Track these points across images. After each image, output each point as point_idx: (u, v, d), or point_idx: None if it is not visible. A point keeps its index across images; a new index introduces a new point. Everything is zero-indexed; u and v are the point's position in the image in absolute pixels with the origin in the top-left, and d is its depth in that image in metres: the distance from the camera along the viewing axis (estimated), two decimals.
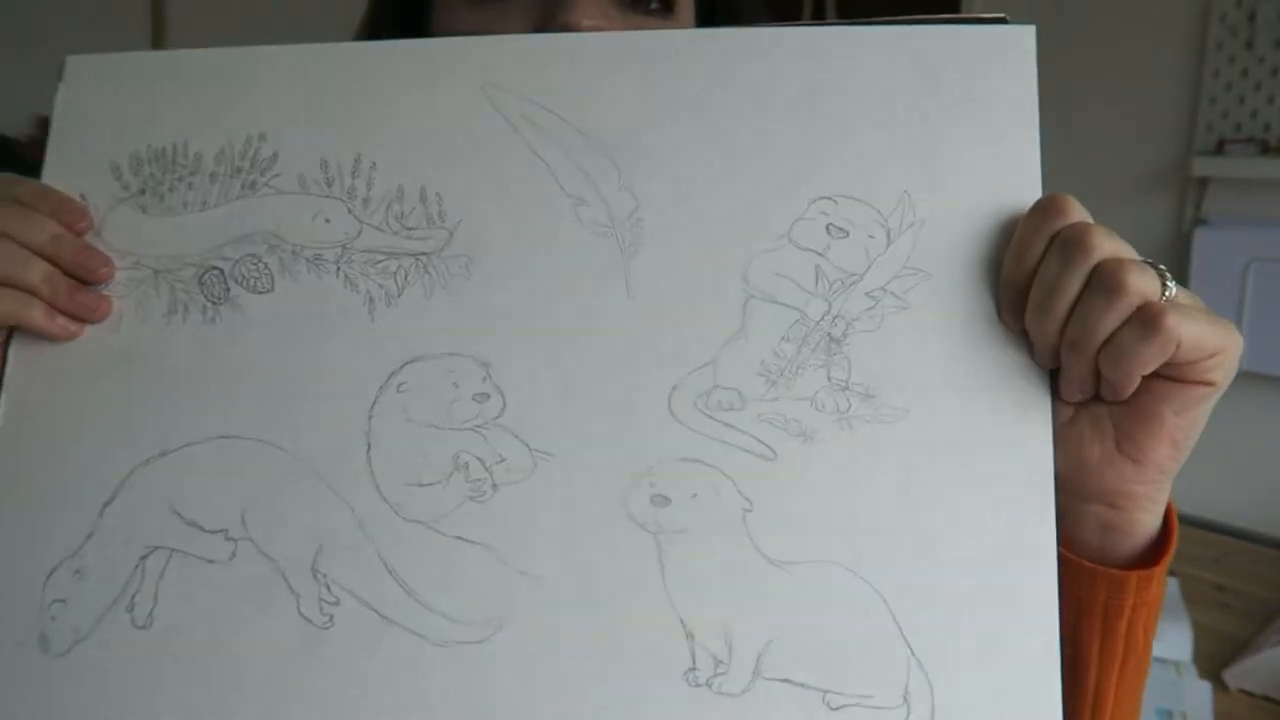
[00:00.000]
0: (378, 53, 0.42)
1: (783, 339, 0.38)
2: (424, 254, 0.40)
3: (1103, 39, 1.89)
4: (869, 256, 0.38)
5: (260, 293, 0.41)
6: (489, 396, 0.39)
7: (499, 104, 0.40)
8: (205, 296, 0.41)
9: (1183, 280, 1.87)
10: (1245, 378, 1.79)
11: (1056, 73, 1.98)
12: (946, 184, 0.38)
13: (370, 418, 0.40)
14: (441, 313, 0.40)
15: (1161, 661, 1.29)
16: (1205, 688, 1.24)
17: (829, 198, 0.38)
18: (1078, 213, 0.36)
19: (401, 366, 0.40)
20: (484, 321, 0.39)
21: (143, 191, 0.42)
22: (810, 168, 0.39)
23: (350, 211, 0.41)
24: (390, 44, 0.43)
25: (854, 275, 0.38)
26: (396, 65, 0.42)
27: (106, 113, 0.44)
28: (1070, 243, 0.35)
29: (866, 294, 0.38)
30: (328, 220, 0.41)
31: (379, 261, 0.40)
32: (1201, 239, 1.77)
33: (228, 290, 0.41)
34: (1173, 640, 1.30)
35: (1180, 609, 1.37)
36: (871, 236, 0.38)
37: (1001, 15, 0.39)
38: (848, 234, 0.38)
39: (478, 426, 0.39)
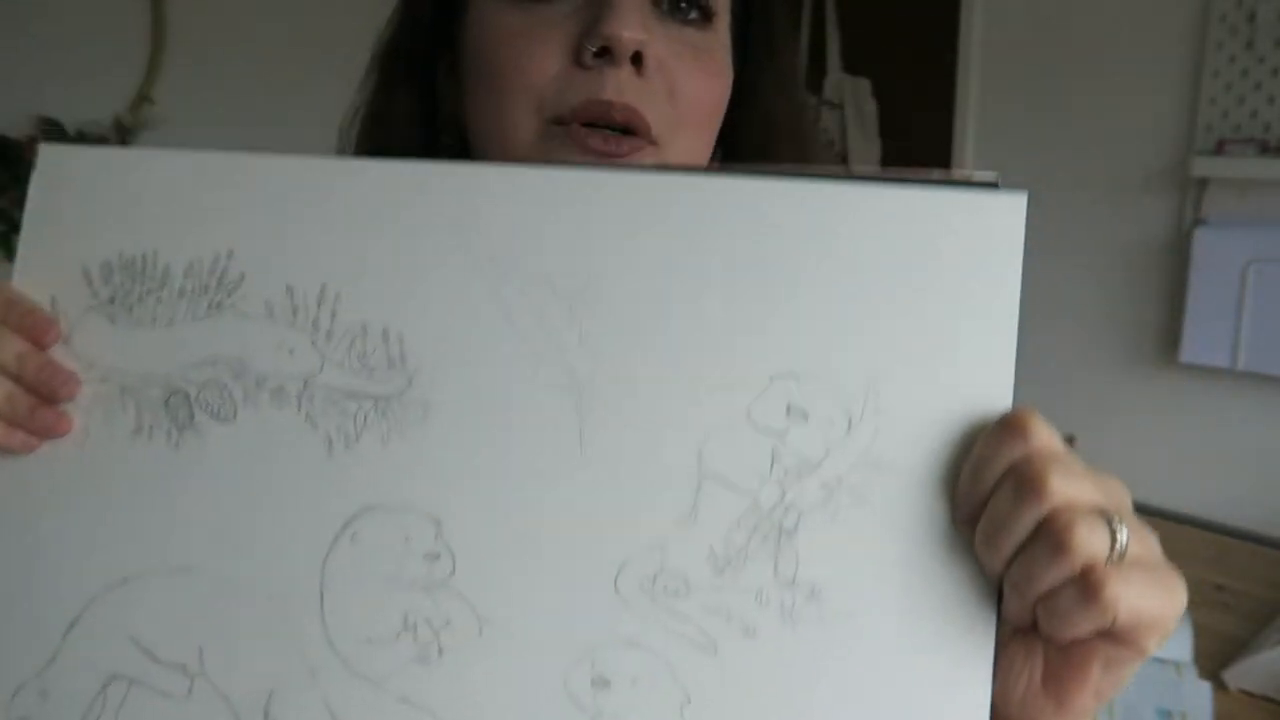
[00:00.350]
0: (349, 173, 0.41)
1: (733, 526, 0.37)
2: (383, 397, 0.39)
3: (1103, 39, 1.89)
4: (827, 444, 0.36)
5: (223, 421, 0.40)
6: (439, 556, 0.38)
7: (466, 242, 0.39)
8: (170, 420, 0.41)
9: (1182, 280, 1.86)
10: (1245, 378, 1.80)
11: (1057, 73, 1.98)
12: (914, 374, 0.36)
13: (324, 565, 0.39)
14: (397, 462, 0.39)
15: (1161, 662, 1.29)
16: (1205, 688, 1.24)
17: (792, 376, 0.36)
18: (1039, 437, 0.34)
19: (356, 515, 0.39)
20: (438, 476, 0.39)
21: (112, 301, 0.42)
22: (775, 341, 0.36)
23: (314, 344, 0.40)
24: (363, 164, 0.41)
25: (810, 463, 0.36)
26: (367, 190, 0.40)
27: (79, 212, 0.42)
28: (1025, 482, 0.33)
29: (822, 484, 0.36)
30: (291, 352, 0.40)
31: (338, 401, 0.39)
32: (1201, 239, 1.77)
33: (192, 416, 0.41)
34: (1172, 640, 1.30)
35: None
36: (832, 422, 0.36)
37: (993, 179, 0.35)
38: (808, 417, 0.36)
39: (427, 586, 0.38)
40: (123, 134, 1.80)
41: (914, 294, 0.35)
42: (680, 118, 0.51)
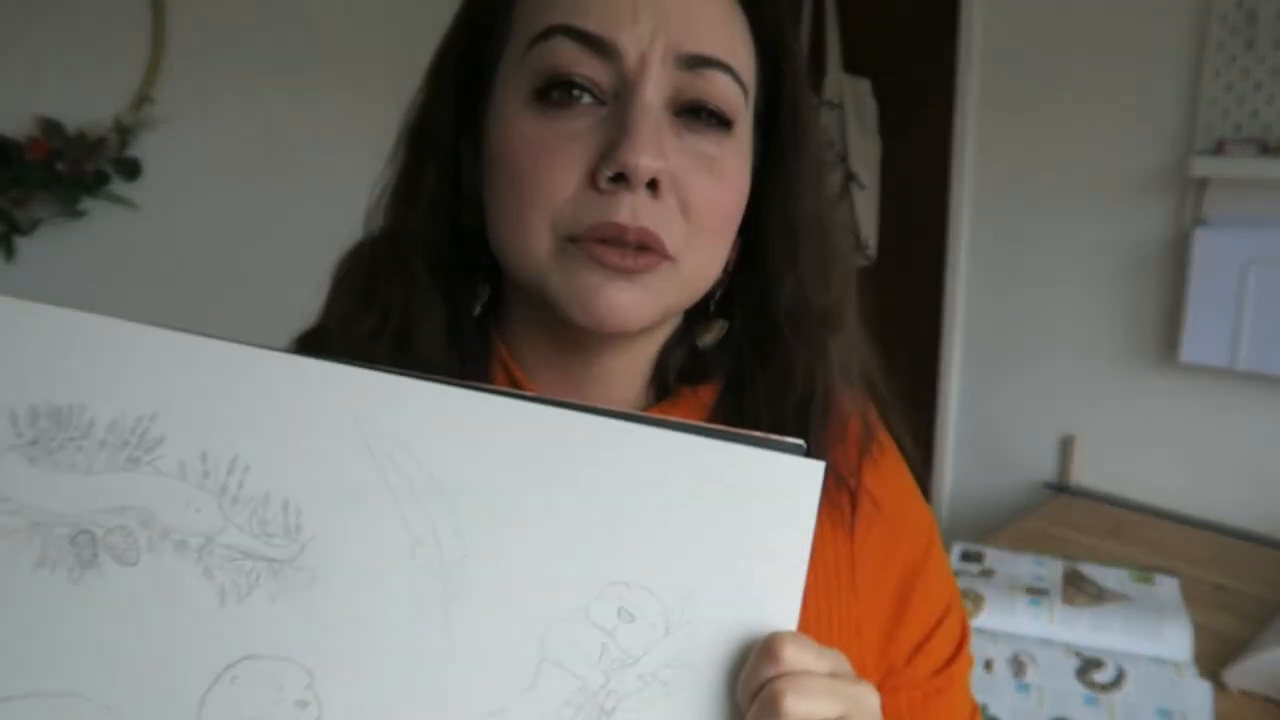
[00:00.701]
0: (270, 364, 0.45)
1: (564, 703, 0.43)
2: (277, 560, 0.43)
3: (1103, 39, 1.89)
4: (648, 643, 0.43)
5: (126, 564, 0.43)
6: (308, 704, 0.43)
7: (366, 435, 0.44)
8: (74, 557, 0.44)
9: (1182, 280, 1.87)
10: (1245, 378, 1.80)
11: (1057, 73, 1.99)
12: (721, 594, 0.43)
13: (203, 701, 0.43)
14: (282, 618, 0.43)
15: (1161, 662, 1.29)
16: (1205, 688, 1.24)
17: (625, 583, 0.43)
18: (788, 662, 0.41)
19: (238, 660, 0.43)
20: (317, 635, 0.43)
21: (34, 443, 0.44)
22: (614, 553, 0.43)
23: (220, 507, 0.44)
24: (284, 358, 0.45)
25: (632, 657, 0.43)
26: (284, 380, 0.45)
27: (9, 358, 0.45)
28: (766, 701, 0.40)
29: (639, 676, 0.43)
30: (198, 510, 0.43)
31: (235, 559, 0.43)
32: (1201, 239, 1.77)
33: (96, 556, 0.44)
34: (1172, 640, 1.30)
35: (1180, 609, 1.38)
36: (653, 625, 0.43)
37: (800, 444, 0.42)
38: (634, 619, 0.43)
39: None
40: (123, 134, 1.81)
41: (727, 530, 0.43)
42: (695, 230, 0.52)
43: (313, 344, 0.60)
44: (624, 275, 0.50)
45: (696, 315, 0.59)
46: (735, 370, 0.59)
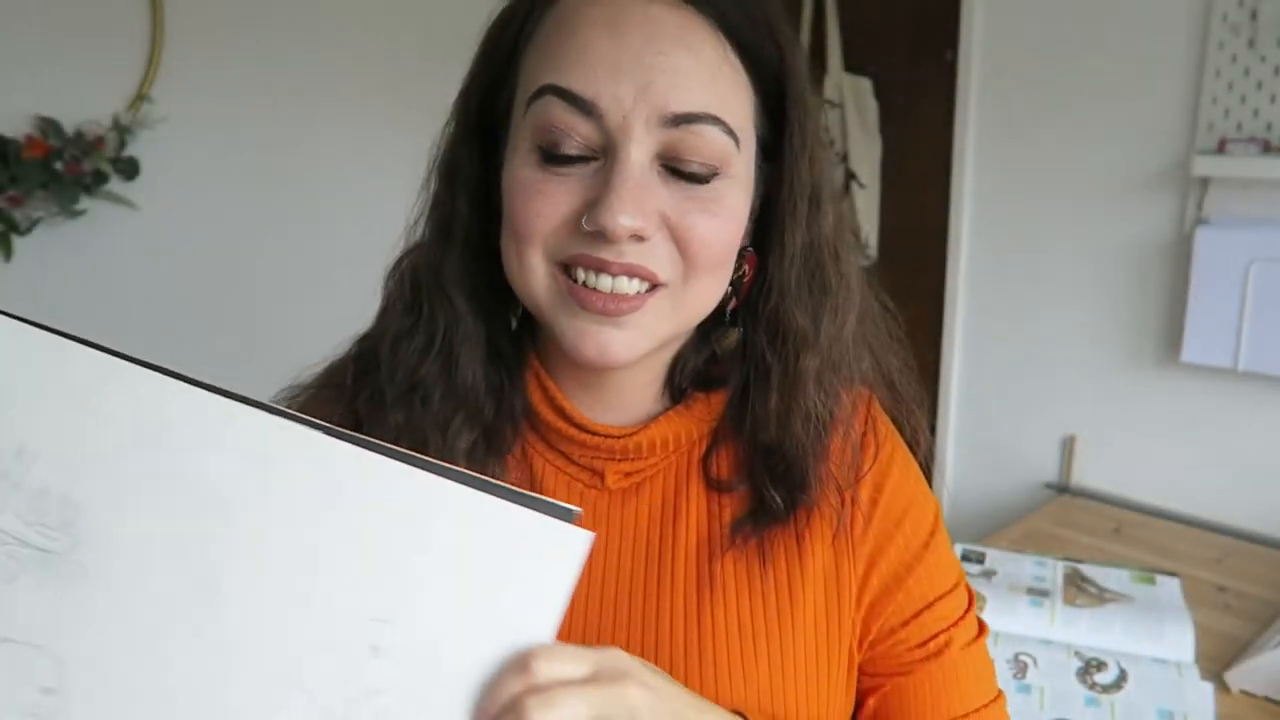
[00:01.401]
0: (82, 360, 0.46)
1: None
2: (48, 551, 0.45)
3: (1104, 38, 1.89)
4: (389, 679, 0.44)
5: None
6: (53, 691, 0.44)
7: (160, 442, 0.45)
8: None
9: (1184, 280, 1.86)
10: (1246, 377, 1.80)
11: (1058, 72, 1.98)
12: (474, 638, 0.44)
13: None
14: (43, 607, 0.45)
15: (1163, 662, 1.28)
16: (1207, 688, 1.24)
17: (380, 619, 0.44)
18: (540, 673, 0.42)
19: None
20: (74, 627, 0.44)
21: None
22: (374, 590, 0.44)
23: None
24: (96, 355, 0.46)
25: (376, 690, 0.44)
26: (91, 378, 0.46)
27: None
28: (510, 716, 0.41)
29: (381, 708, 0.44)
30: None
31: (8, 543, 0.45)
32: (1203, 239, 1.77)
33: None
34: (1174, 641, 1.30)
35: (1182, 610, 1.37)
36: (400, 662, 0.44)
37: (573, 509, 0.44)
38: (383, 654, 0.44)
39: (35, 713, 0.44)
40: (121, 133, 1.80)
41: (488, 581, 0.44)
42: (692, 268, 0.54)
43: (368, 350, 0.64)
44: (610, 321, 0.53)
45: (714, 322, 0.61)
46: (745, 378, 0.61)
